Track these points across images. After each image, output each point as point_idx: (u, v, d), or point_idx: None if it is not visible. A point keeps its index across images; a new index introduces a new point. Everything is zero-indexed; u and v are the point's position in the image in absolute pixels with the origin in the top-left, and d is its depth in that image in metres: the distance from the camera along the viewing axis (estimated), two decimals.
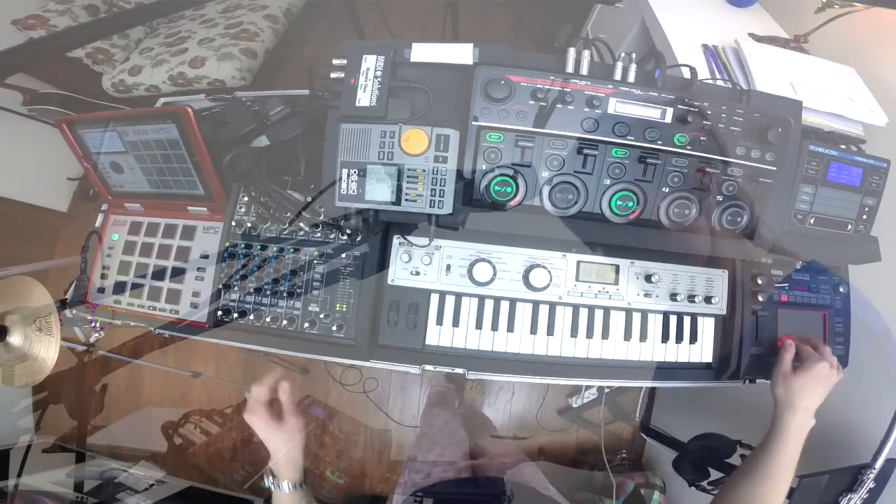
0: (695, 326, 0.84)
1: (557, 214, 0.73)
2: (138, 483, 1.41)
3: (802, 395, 0.71)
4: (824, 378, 0.72)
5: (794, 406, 0.71)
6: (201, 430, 1.69)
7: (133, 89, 1.71)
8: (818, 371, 0.72)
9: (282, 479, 0.68)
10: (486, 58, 0.70)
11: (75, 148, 0.91)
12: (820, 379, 0.72)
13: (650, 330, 0.83)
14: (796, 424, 0.70)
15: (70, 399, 1.36)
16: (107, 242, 0.96)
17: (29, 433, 1.33)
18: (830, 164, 0.80)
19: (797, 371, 0.73)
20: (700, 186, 0.72)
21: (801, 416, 0.70)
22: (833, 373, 0.73)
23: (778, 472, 0.68)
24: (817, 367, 0.72)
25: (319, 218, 0.81)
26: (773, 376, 0.75)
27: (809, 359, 0.74)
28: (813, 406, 0.72)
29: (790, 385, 0.72)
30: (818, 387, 0.72)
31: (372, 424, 1.80)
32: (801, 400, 0.71)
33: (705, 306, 0.84)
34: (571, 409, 1.77)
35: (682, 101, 0.69)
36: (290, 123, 0.84)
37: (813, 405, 0.72)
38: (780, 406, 0.72)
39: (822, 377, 0.72)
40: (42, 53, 0.96)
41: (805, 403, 0.71)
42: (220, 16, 1.84)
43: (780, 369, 0.74)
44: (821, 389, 0.72)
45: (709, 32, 1.07)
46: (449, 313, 0.81)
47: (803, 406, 0.71)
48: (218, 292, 0.83)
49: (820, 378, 0.72)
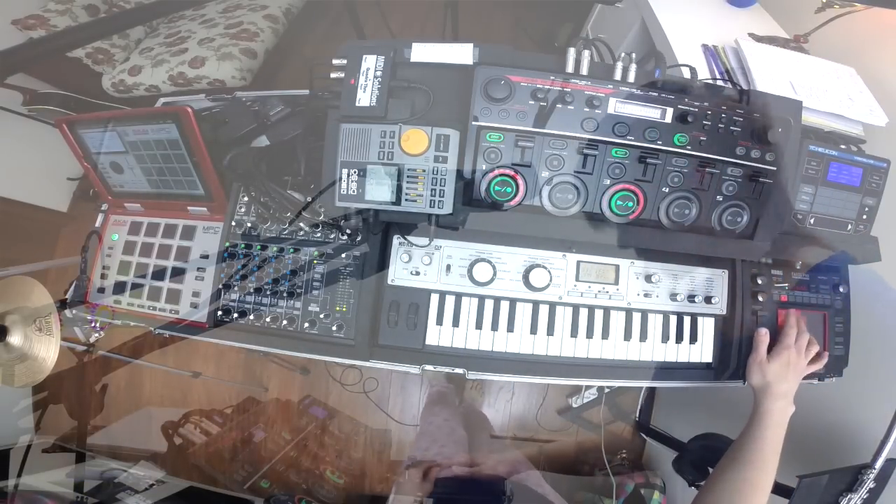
0: (695, 326, 0.84)
1: (557, 214, 0.73)
2: (138, 483, 1.41)
3: (779, 380, 0.74)
4: (793, 364, 0.75)
5: (774, 392, 0.73)
6: (201, 430, 1.69)
7: (133, 89, 1.71)
8: (787, 357, 0.75)
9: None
10: (486, 58, 0.70)
11: (75, 148, 0.91)
12: (790, 364, 0.75)
13: (650, 330, 0.83)
14: (778, 409, 0.72)
15: (70, 399, 1.36)
16: (107, 242, 0.96)
17: (29, 433, 1.33)
18: (830, 164, 0.80)
19: (770, 358, 0.76)
20: (700, 186, 0.72)
21: (781, 400, 0.73)
22: (801, 359, 0.76)
23: (763, 459, 0.69)
24: (786, 353, 0.75)
25: (319, 218, 0.81)
26: (749, 365, 0.77)
27: (778, 345, 0.77)
28: (791, 391, 0.74)
29: (766, 371, 0.75)
30: (791, 372, 0.75)
31: (372, 424, 1.80)
32: (778, 385, 0.73)
33: (705, 306, 0.84)
34: (571, 409, 1.77)
35: (682, 101, 0.69)
36: (290, 123, 0.84)
37: (791, 390, 0.74)
38: (759, 393, 0.74)
39: (791, 363, 0.75)
40: (42, 53, 0.96)
41: (783, 388, 0.73)
42: (220, 16, 1.84)
43: (756, 357, 0.76)
44: (794, 375, 0.75)
45: (709, 32, 1.07)
46: (449, 313, 0.81)
47: (783, 391, 0.73)
48: (218, 292, 0.83)
49: (790, 363, 0.75)
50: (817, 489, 0.79)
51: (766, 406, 0.72)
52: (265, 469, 1.64)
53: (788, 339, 0.77)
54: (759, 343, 0.77)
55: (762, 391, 0.74)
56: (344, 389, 1.82)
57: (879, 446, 0.78)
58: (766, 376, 0.74)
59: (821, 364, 0.79)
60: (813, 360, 0.78)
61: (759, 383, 0.74)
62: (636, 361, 0.83)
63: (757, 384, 0.75)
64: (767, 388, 0.73)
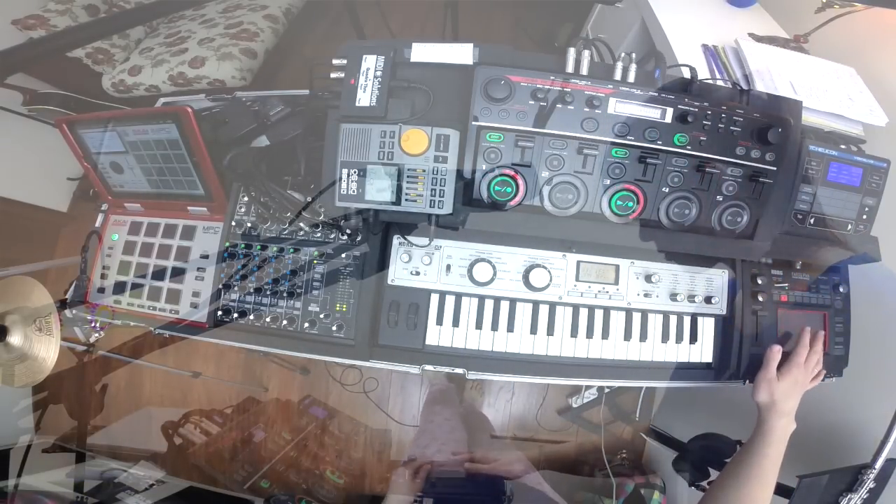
0: (695, 326, 0.84)
1: (557, 214, 0.73)
2: (138, 483, 1.41)
3: (786, 399, 0.74)
4: (801, 383, 0.76)
5: (780, 410, 0.73)
6: (201, 430, 1.69)
7: (133, 89, 1.71)
8: (796, 376, 0.75)
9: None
10: (486, 58, 0.70)
11: (75, 148, 0.91)
12: (797, 384, 0.75)
13: (650, 330, 0.83)
14: (781, 426, 0.72)
15: (70, 399, 1.36)
16: (107, 242, 0.96)
17: (29, 433, 1.33)
18: (830, 164, 0.80)
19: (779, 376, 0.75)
20: (700, 186, 0.72)
21: (785, 418, 0.73)
22: (808, 377, 0.76)
23: (764, 474, 0.70)
24: (796, 371, 0.75)
25: (319, 218, 0.81)
26: (757, 381, 0.76)
27: (789, 363, 0.76)
28: (794, 409, 0.74)
29: (775, 390, 0.74)
30: (797, 391, 0.75)
31: (372, 424, 1.80)
32: (784, 403, 0.73)
33: (705, 306, 0.84)
34: (571, 409, 1.77)
35: (682, 101, 0.69)
36: (290, 123, 0.84)
37: (794, 408, 0.74)
38: (765, 411, 0.74)
39: (799, 382, 0.75)
40: (42, 53, 0.96)
41: (788, 406, 0.73)
42: (220, 16, 1.84)
43: (766, 375, 0.76)
44: (798, 393, 0.75)
45: (709, 32, 1.07)
46: (449, 313, 0.81)
47: (787, 409, 0.73)
48: (218, 292, 0.83)
49: (797, 383, 0.75)
50: (817, 489, 0.78)
51: (771, 424, 0.72)
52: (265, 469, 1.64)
53: (800, 358, 0.76)
54: (771, 360, 0.76)
55: (768, 409, 0.74)
56: (344, 389, 1.81)
57: (879, 446, 0.78)
58: (773, 394, 0.74)
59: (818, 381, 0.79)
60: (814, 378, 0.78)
61: (766, 400, 0.74)
62: (636, 361, 0.83)
63: (763, 401, 0.74)
64: (773, 405, 0.73)
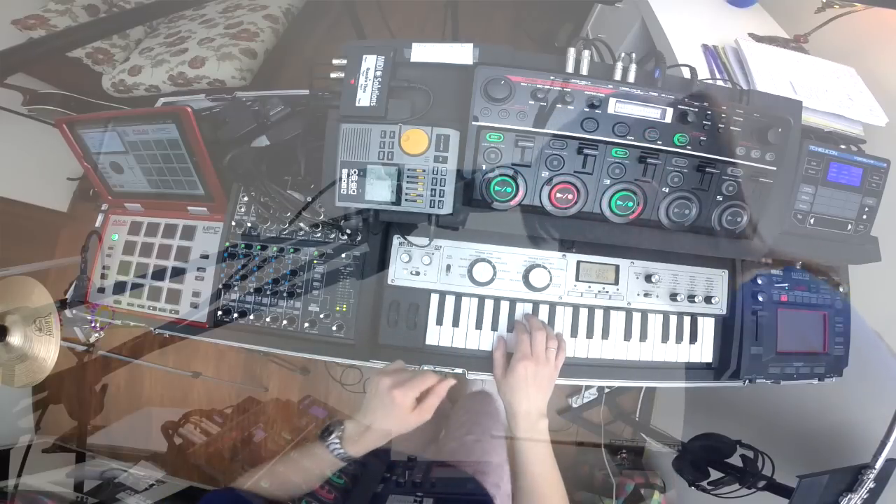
0: (695, 326, 0.84)
1: (557, 214, 0.73)
2: (138, 483, 1.41)
3: (517, 399, 0.64)
4: (531, 376, 0.64)
5: (515, 412, 0.64)
6: (201, 430, 1.69)
7: (133, 89, 1.71)
8: (521, 370, 0.65)
9: (345, 445, 0.64)
10: (486, 58, 0.70)
11: (75, 148, 0.91)
12: (528, 378, 0.64)
13: (650, 330, 0.83)
14: (523, 430, 0.63)
15: (70, 399, 1.36)
16: (107, 242, 0.96)
17: (29, 433, 1.33)
18: (830, 164, 0.79)
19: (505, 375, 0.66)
20: (700, 186, 0.72)
21: (523, 420, 0.63)
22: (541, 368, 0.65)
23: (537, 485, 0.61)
24: (518, 366, 0.65)
25: (319, 218, 0.81)
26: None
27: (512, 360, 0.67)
28: (535, 407, 0.64)
29: (504, 390, 0.65)
30: (530, 387, 0.64)
31: None
32: (518, 404, 0.64)
33: (705, 306, 0.84)
34: (571, 409, 1.77)
35: (682, 101, 0.69)
36: (290, 123, 0.84)
37: (535, 406, 0.64)
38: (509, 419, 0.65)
39: (528, 376, 0.64)
40: (42, 53, 0.95)
41: (523, 407, 0.64)
42: (220, 16, 1.84)
43: (495, 373, 0.68)
44: (535, 388, 0.64)
45: (709, 32, 1.07)
46: (449, 313, 0.81)
47: (523, 410, 0.64)
48: (218, 292, 0.83)
49: (527, 377, 0.64)
50: (817, 489, 0.78)
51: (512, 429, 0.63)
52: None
53: (521, 350, 0.66)
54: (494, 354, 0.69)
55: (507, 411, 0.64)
56: (344, 389, 1.81)
57: (879, 446, 0.78)
58: (504, 395, 0.64)
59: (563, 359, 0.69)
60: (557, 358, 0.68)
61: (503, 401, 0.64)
62: (636, 361, 0.83)
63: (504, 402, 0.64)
64: (509, 407, 0.64)
